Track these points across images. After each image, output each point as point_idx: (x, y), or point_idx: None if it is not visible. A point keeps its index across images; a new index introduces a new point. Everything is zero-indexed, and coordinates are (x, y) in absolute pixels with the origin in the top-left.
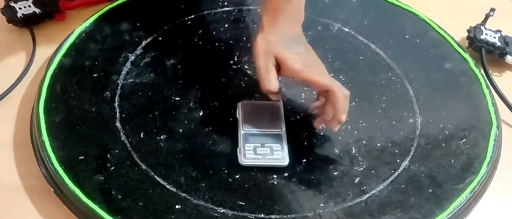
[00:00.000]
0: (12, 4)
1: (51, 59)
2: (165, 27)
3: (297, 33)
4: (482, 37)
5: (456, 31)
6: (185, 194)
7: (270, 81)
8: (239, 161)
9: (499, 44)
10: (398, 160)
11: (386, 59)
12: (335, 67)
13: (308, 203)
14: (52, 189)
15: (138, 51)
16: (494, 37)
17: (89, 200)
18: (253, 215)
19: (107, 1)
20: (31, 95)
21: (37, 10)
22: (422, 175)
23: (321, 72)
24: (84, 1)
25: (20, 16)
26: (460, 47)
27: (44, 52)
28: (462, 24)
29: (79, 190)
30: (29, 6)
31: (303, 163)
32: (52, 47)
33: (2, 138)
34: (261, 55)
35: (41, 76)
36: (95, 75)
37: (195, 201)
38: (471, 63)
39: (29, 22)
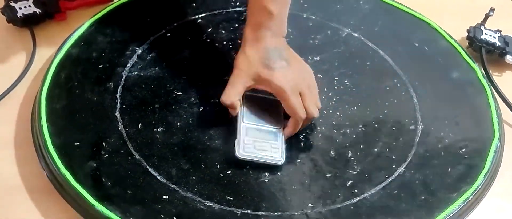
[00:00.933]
0: (12, 4)
1: (60, 48)
2: (175, 24)
3: (281, 45)
4: (482, 37)
5: (456, 31)
6: (175, 186)
7: (226, 94)
8: (237, 153)
9: (499, 44)
10: (393, 166)
11: (393, 66)
12: (341, 71)
13: (297, 202)
14: (45, 172)
15: (146, 45)
16: (494, 37)
17: (78, 185)
18: (239, 210)
19: (108, 1)
20: (32, 95)
21: (38, 10)
22: (416, 182)
23: (302, 85)
24: (84, 1)
25: (20, 16)
26: (469, 57)
27: (44, 52)
28: (462, 24)
29: (70, 175)
30: (30, 6)
31: (297, 163)
32: (53, 47)
33: (3, 138)
34: (236, 70)
35: (41, 76)
36: (101, 65)
37: (183, 193)
38: (479, 73)
39: (29, 22)
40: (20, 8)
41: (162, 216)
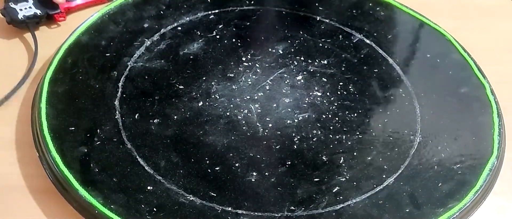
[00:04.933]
0: (13, 5)
1: (70, 35)
2: (188, 19)
3: None
4: None
5: (456, 31)
6: (161, 178)
7: None
8: None
9: None
10: (384, 176)
11: (401, 75)
12: (346, 77)
13: (279, 204)
14: (37, 154)
15: (155, 37)
16: None
17: (66, 168)
18: (220, 207)
19: (107, 1)
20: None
21: (38, 11)
22: (404, 194)
23: None
24: (84, 2)
25: (20, 17)
26: (480, 72)
27: (45, 53)
28: (462, 24)
29: (59, 157)
30: (30, 7)
31: (287, 165)
32: (54, 47)
33: (4, 140)
34: None
35: (43, 77)
36: (108, 54)
37: (167, 185)
38: (488, 89)
39: (30, 23)
40: (21, 10)
41: (143, 206)
